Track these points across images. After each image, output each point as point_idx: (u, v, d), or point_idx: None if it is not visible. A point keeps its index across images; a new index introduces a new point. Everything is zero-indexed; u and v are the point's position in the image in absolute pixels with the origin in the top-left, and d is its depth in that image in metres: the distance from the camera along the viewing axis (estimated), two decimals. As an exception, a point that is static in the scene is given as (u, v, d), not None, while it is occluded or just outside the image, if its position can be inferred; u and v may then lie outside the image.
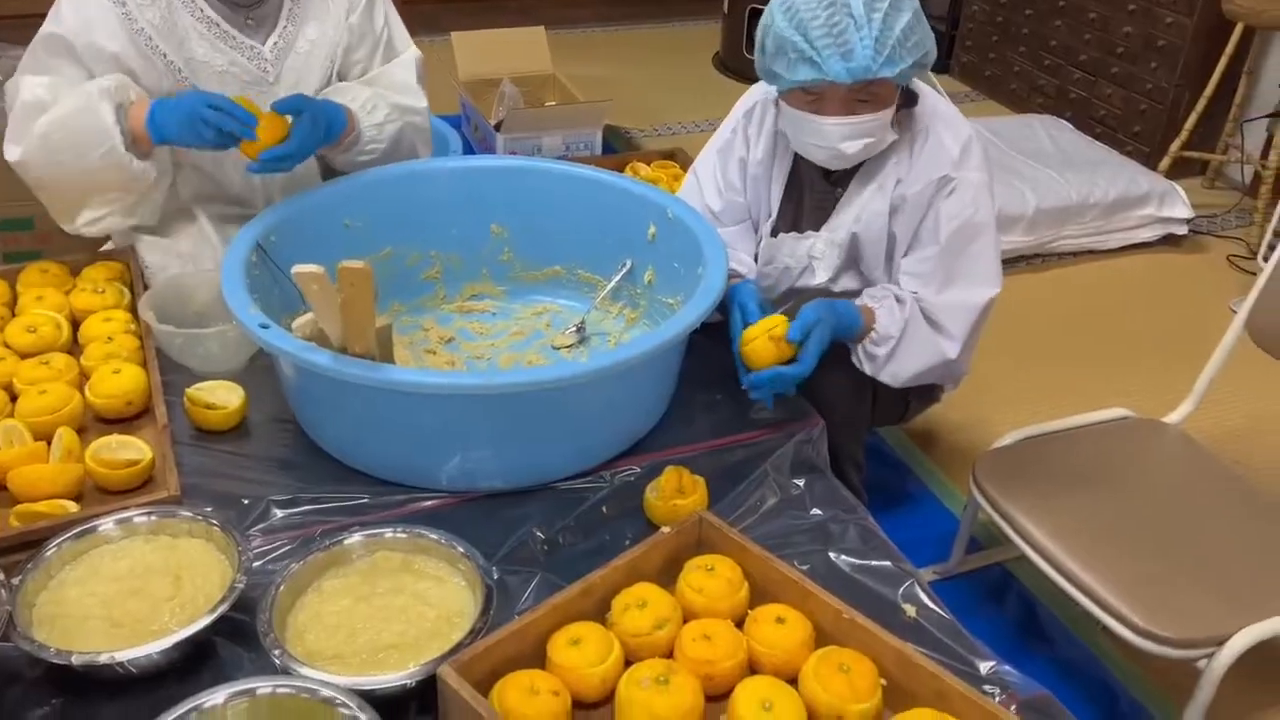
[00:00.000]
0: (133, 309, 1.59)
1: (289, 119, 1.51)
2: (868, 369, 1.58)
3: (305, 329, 1.25)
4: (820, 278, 1.65)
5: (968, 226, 1.53)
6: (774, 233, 1.69)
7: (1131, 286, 3.05)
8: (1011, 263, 3.10)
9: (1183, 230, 3.24)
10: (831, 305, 1.50)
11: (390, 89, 1.76)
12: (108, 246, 1.79)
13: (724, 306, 1.50)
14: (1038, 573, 1.56)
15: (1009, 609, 1.91)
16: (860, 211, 1.59)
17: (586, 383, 1.26)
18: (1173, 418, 1.80)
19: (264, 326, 1.25)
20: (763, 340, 1.43)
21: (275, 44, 1.67)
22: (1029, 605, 1.91)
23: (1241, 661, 1.40)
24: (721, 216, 1.72)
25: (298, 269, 1.14)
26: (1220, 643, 1.38)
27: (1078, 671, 1.78)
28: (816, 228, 1.65)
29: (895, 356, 1.54)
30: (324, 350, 1.22)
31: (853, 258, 1.64)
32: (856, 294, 1.65)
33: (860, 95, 1.44)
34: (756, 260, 1.71)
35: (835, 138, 1.47)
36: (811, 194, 1.65)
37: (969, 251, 1.54)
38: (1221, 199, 3.51)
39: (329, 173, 1.76)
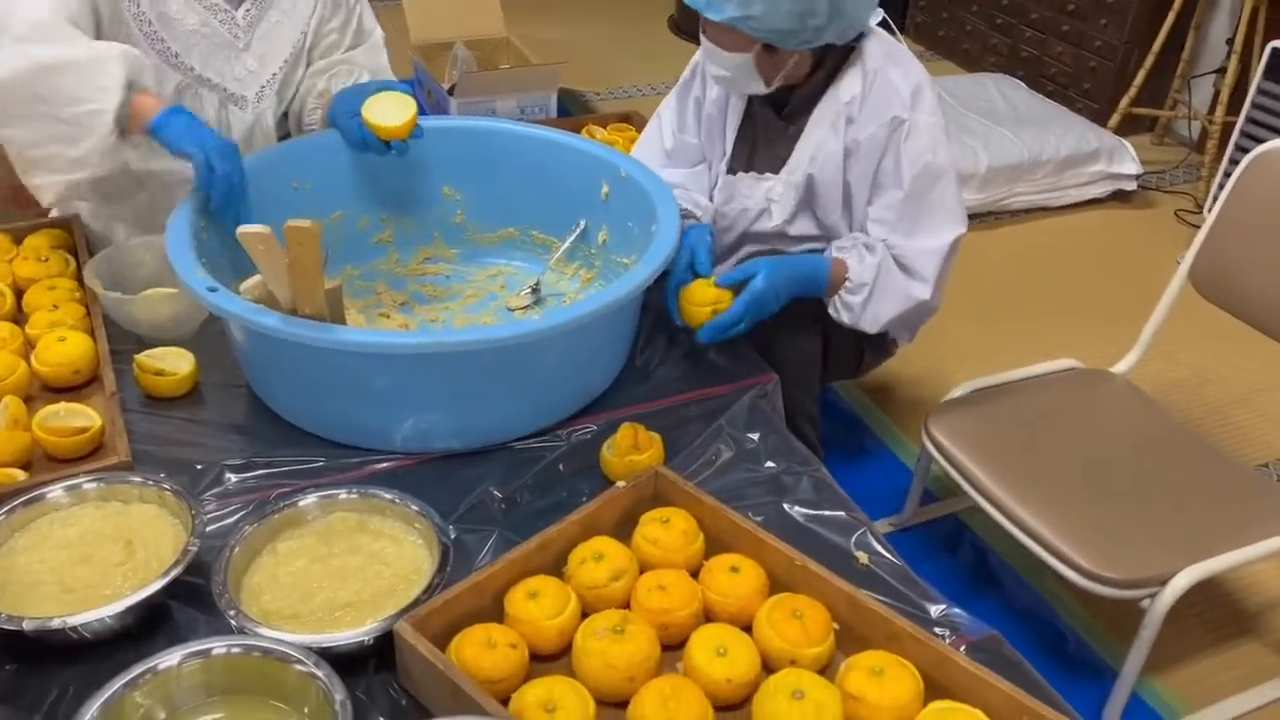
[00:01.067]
0: (78, 277, 1.56)
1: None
2: (846, 318, 1.60)
3: (254, 291, 1.24)
4: (776, 219, 1.67)
5: (929, 171, 1.55)
6: (731, 170, 1.71)
7: (1081, 242, 3.09)
8: (965, 220, 3.13)
9: (1132, 186, 3.28)
10: (785, 261, 1.51)
11: (377, 74, 1.77)
12: (52, 214, 1.76)
13: None
14: (989, 522, 1.59)
15: (961, 558, 1.95)
16: (816, 152, 1.61)
17: (538, 341, 1.26)
18: (1119, 368, 1.84)
19: (211, 290, 1.23)
20: (707, 313, 1.45)
21: (248, 10, 1.65)
22: (981, 553, 1.95)
23: (1183, 601, 1.44)
24: (673, 156, 1.75)
25: (243, 229, 1.13)
26: (1163, 583, 1.42)
27: (1028, 616, 1.82)
28: (772, 168, 1.66)
29: (871, 302, 1.57)
30: (273, 312, 1.21)
31: (808, 200, 1.65)
32: (812, 239, 1.66)
33: (717, 33, 1.51)
34: (713, 200, 1.74)
35: (707, 58, 1.57)
36: (765, 132, 1.67)
37: (932, 196, 1.56)
38: (1170, 155, 3.56)
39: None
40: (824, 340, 1.64)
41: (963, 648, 1.10)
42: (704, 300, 1.46)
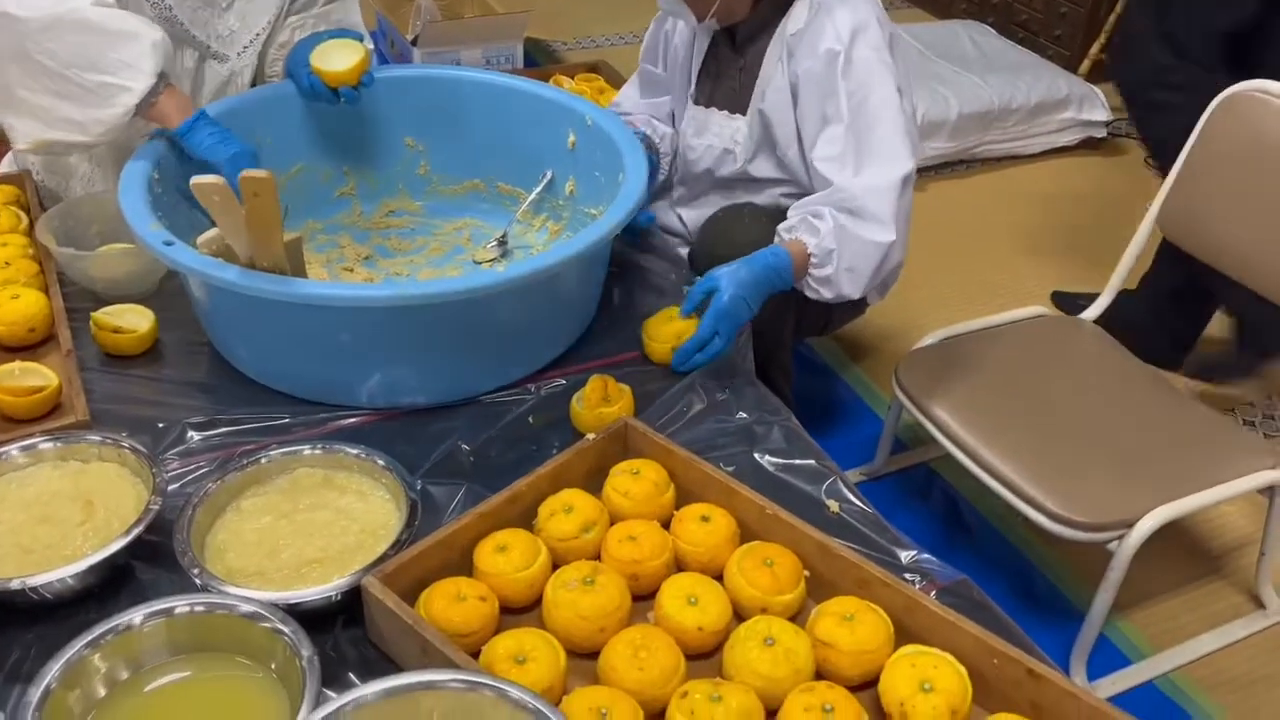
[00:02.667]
0: (30, 234, 1.52)
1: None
2: (828, 294, 1.54)
3: (211, 245, 1.21)
4: (739, 162, 1.67)
5: (869, 104, 1.52)
6: (696, 101, 1.72)
7: (1052, 190, 3.09)
8: (935, 169, 3.12)
9: (1102, 133, 3.28)
10: (742, 264, 1.46)
11: (346, 27, 1.71)
12: (2, 170, 1.71)
13: None
14: (960, 470, 1.59)
15: (932, 506, 1.96)
16: (765, 86, 1.60)
17: (504, 293, 1.24)
18: (1088, 314, 1.84)
19: (168, 244, 1.20)
20: (670, 350, 1.41)
21: None
22: (951, 501, 1.96)
23: (1150, 544, 1.45)
24: (643, 86, 1.79)
25: (196, 180, 1.10)
26: (1130, 525, 1.43)
27: (998, 561, 1.84)
28: (730, 103, 1.67)
29: (843, 266, 1.53)
30: (231, 266, 1.18)
31: (766, 139, 1.65)
32: (776, 183, 1.67)
33: None
34: (680, 131, 1.76)
35: None
36: (722, 66, 1.67)
37: (877, 132, 1.53)
38: (1140, 102, 3.56)
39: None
40: (795, 301, 1.63)
41: (933, 592, 1.11)
42: (668, 336, 1.41)
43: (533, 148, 1.66)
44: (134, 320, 1.37)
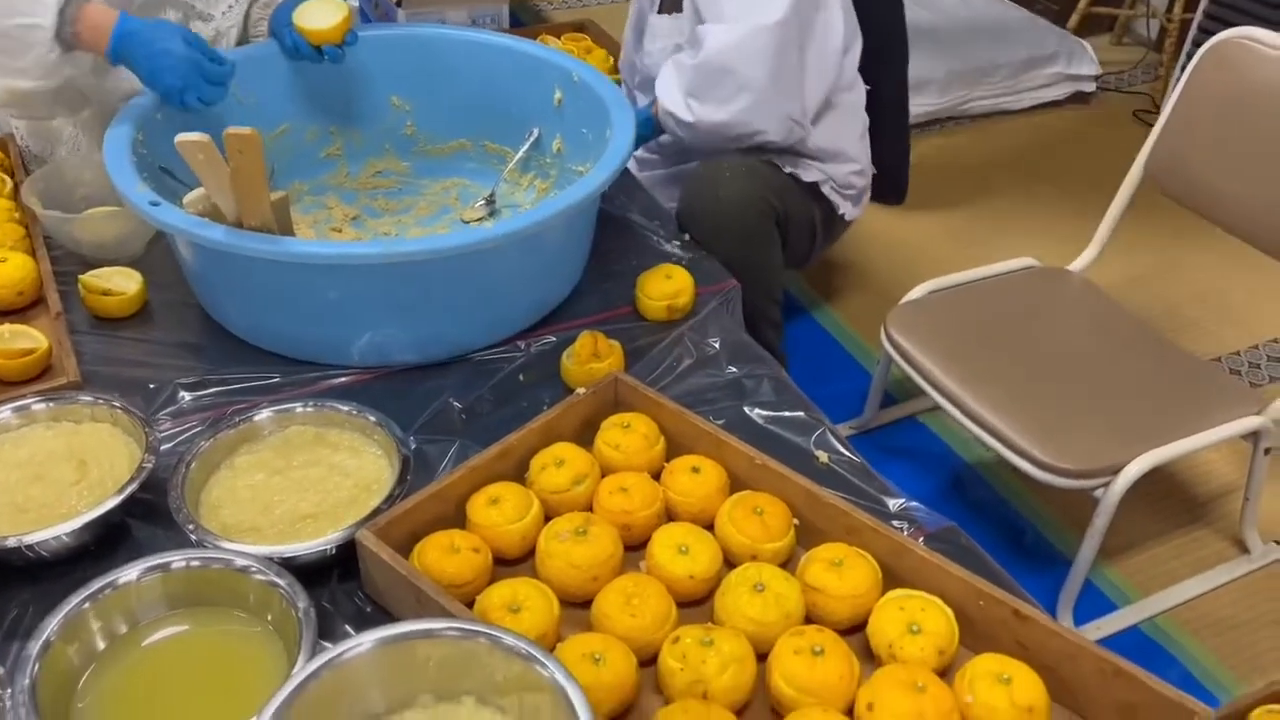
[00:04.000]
0: (15, 197, 1.52)
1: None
2: (682, 133, 1.64)
3: (198, 205, 1.20)
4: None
5: None
6: (657, 12, 1.75)
7: (1040, 145, 3.08)
8: (924, 126, 3.11)
9: (1091, 88, 3.27)
10: None
11: None
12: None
13: None
14: (948, 422, 1.61)
15: (921, 458, 1.98)
16: None
17: (492, 250, 1.24)
18: (1076, 265, 1.85)
19: (154, 204, 1.20)
20: (663, 307, 1.43)
21: None
22: (940, 454, 1.98)
23: (1137, 491, 1.47)
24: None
25: (181, 138, 1.09)
26: (1115, 472, 1.45)
27: (986, 511, 1.86)
28: (673, 5, 1.72)
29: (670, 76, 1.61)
30: (218, 226, 1.18)
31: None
32: None
33: None
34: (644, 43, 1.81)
35: None
36: None
37: None
38: (1129, 55, 3.55)
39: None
40: (783, 235, 1.64)
41: (920, 539, 1.12)
42: (661, 294, 1.42)
43: (519, 106, 1.65)
44: (122, 283, 1.37)
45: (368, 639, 0.86)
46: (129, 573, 0.94)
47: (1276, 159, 1.58)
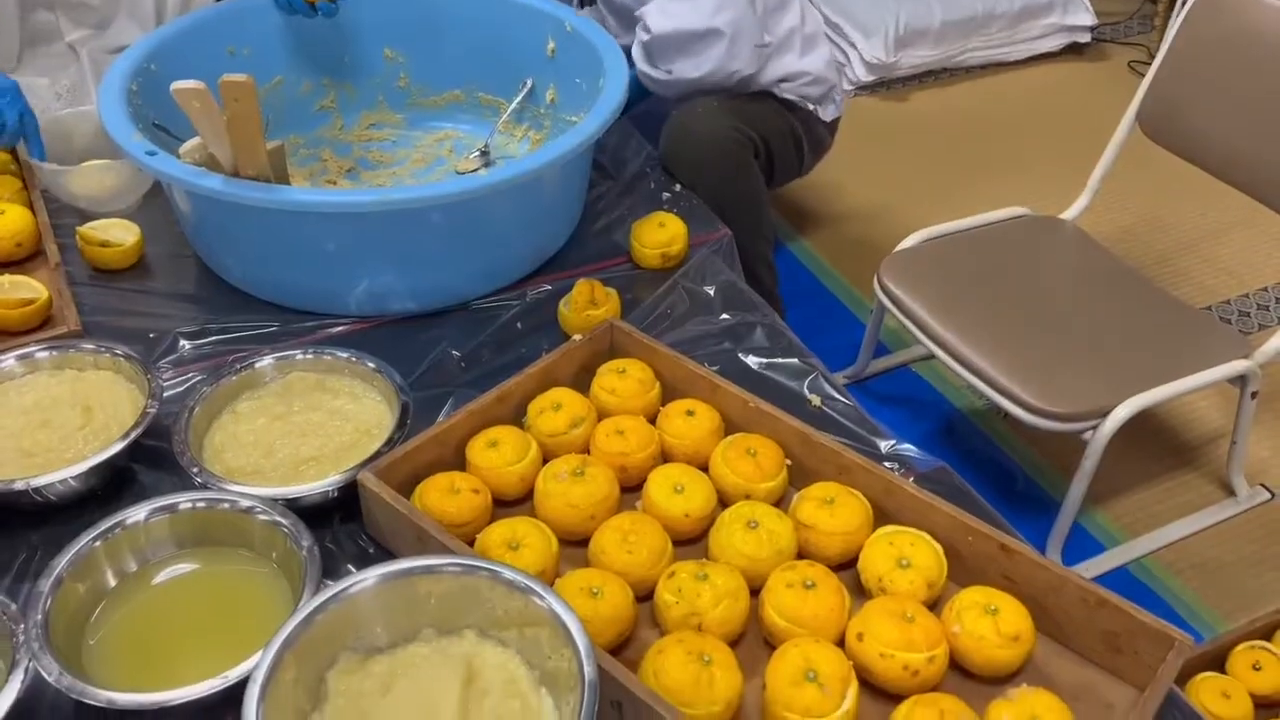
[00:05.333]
0: (12, 151, 1.52)
1: None
2: (654, 70, 1.66)
3: (194, 154, 1.21)
4: None
5: None
6: None
7: (1035, 97, 3.08)
8: (918, 78, 3.11)
9: (1086, 39, 3.26)
10: None
11: None
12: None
13: None
14: (942, 370, 1.63)
15: (914, 406, 2.00)
16: None
17: (487, 197, 1.25)
18: (1068, 214, 1.86)
19: (150, 154, 1.21)
20: (657, 256, 1.44)
21: None
22: (933, 402, 2.00)
23: (1126, 437, 1.49)
24: None
25: (177, 85, 1.10)
26: (1104, 415, 1.47)
27: (978, 457, 1.89)
28: None
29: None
30: (214, 174, 1.19)
31: None
32: None
33: None
34: None
35: None
36: None
37: None
38: (1124, 5, 3.53)
39: None
40: (767, 158, 1.66)
41: (911, 479, 1.14)
42: (656, 243, 1.44)
43: (512, 56, 1.65)
44: (120, 234, 1.38)
45: (371, 574, 0.88)
46: (137, 513, 0.96)
47: (1269, 105, 1.58)
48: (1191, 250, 2.43)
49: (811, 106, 1.83)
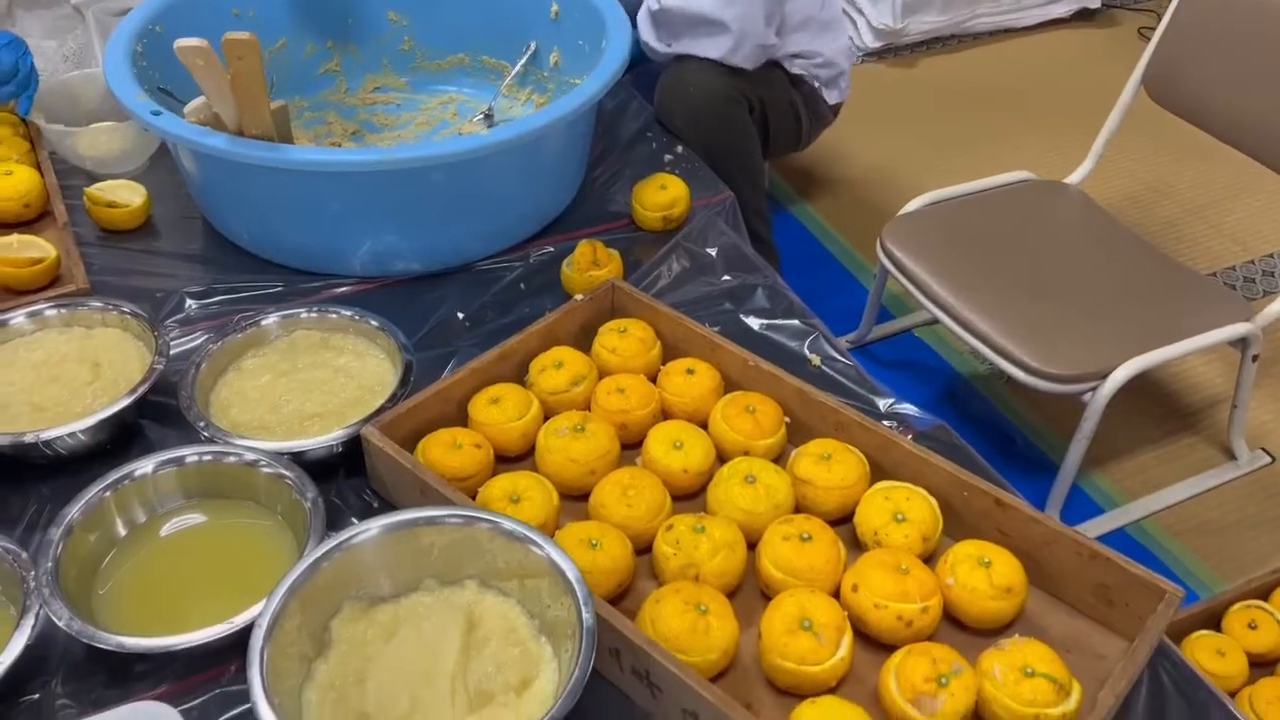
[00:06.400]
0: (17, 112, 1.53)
1: None
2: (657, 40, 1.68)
3: (198, 114, 1.22)
4: None
5: None
6: None
7: (1044, 63, 3.06)
8: (926, 44, 3.09)
9: (1096, 4, 3.24)
10: None
11: None
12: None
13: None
14: (944, 335, 1.64)
15: (916, 370, 2.01)
16: None
17: (490, 157, 1.26)
18: (1073, 178, 1.86)
19: (155, 114, 1.22)
20: (658, 219, 1.45)
21: None
22: (935, 367, 2.01)
23: (1127, 401, 1.50)
24: None
25: (180, 43, 1.10)
26: (1104, 376, 1.47)
27: (979, 422, 1.90)
28: None
29: None
30: (219, 133, 1.20)
31: None
32: None
33: None
34: None
35: None
36: None
37: None
38: (1135, -29, 3.50)
39: None
40: (763, 123, 1.67)
41: (910, 437, 1.15)
42: (657, 205, 1.44)
43: (516, 19, 1.65)
44: (127, 195, 1.39)
45: (375, 524, 0.90)
46: (145, 465, 0.97)
47: (1276, 68, 1.57)
48: (1197, 216, 2.43)
49: (817, 85, 1.83)
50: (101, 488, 0.95)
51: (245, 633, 0.82)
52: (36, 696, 0.88)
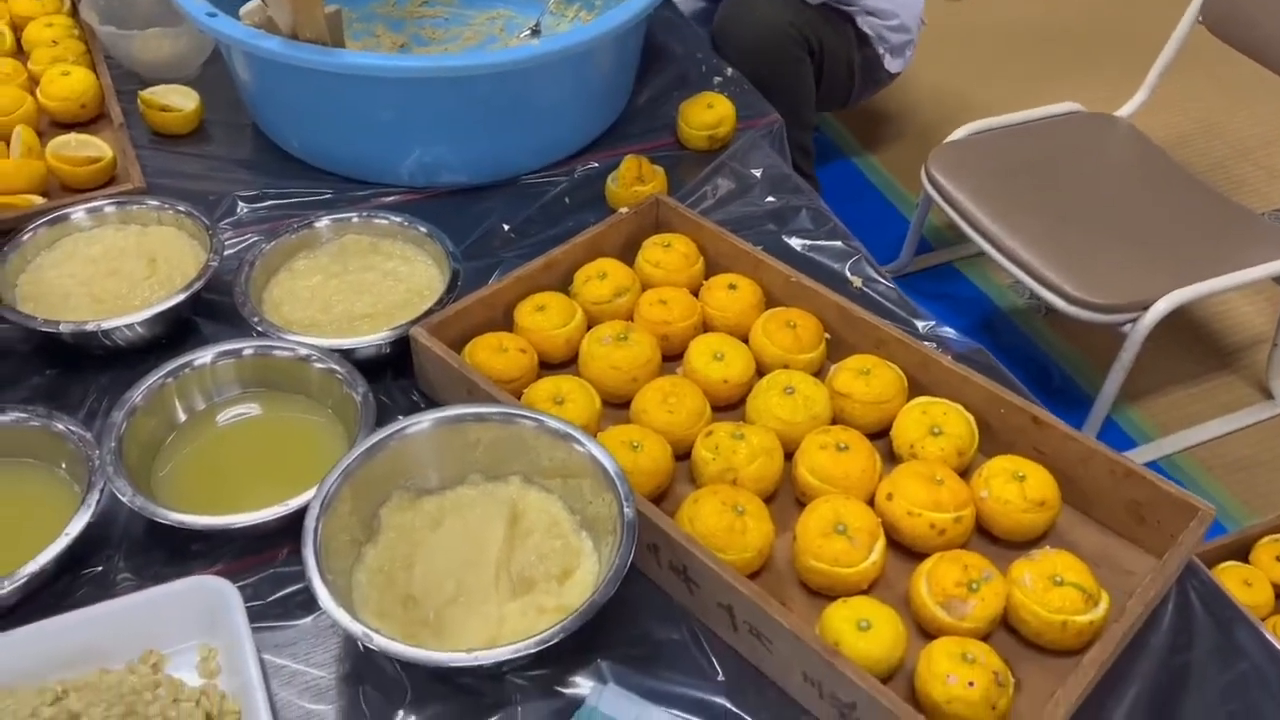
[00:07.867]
0: (74, 14, 1.55)
1: None
2: None
3: (253, 16, 1.23)
4: None
5: None
6: None
7: (1100, -4, 2.99)
8: (978, -26, 3.02)
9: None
10: None
11: None
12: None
13: None
14: (985, 267, 1.63)
15: (955, 301, 2.01)
16: None
17: (539, 69, 1.26)
18: (1123, 111, 1.83)
19: (210, 15, 1.23)
20: (704, 138, 1.44)
21: None
22: (974, 298, 2.00)
23: (1167, 336, 1.50)
24: None
25: (236, -56, 1.11)
26: (1145, 307, 1.47)
27: (1017, 354, 1.90)
28: None
29: None
30: (273, 36, 1.21)
31: None
32: None
33: None
34: None
35: None
36: None
37: None
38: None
39: None
40: (818, 71, 1.65)
41: (948, 358, 1.16)
42: (703, 124, 1.44)
43: (566, -67, 1.64)
44: (180, 100, 1.41)
45: (426, 418, 0.93)
46: (204, 355, 1.01)
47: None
48: (1246, 157, 2.39)
49: (882, 50, 1.80)
50: (163, 373, 0.98)
51: (298, 517, 0.85)
52: (100, 569, 0.92)
